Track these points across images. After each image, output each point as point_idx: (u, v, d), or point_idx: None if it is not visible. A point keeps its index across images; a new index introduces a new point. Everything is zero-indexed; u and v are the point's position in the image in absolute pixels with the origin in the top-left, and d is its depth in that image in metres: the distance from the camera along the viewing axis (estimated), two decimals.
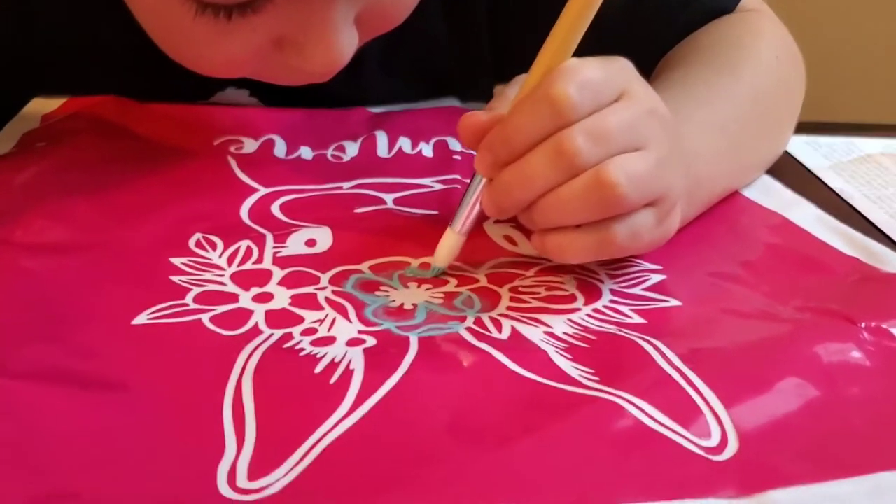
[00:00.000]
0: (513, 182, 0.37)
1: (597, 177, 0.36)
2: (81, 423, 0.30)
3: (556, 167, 0.36)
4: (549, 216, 0.38)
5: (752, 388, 0.33)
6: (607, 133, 0.36)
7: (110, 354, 0.33)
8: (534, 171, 0.37)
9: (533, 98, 0.37)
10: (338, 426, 0.30)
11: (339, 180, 0.51)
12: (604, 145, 0.36)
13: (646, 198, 0.37)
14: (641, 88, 0.39)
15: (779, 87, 0.56)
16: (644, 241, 0.38)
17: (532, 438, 0.30)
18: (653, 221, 0.38)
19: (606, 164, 0.36)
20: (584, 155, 0.36)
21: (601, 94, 0.37)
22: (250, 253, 0.41)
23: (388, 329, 0.36)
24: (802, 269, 0.44)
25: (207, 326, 0.35)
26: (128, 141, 0.53)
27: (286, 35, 0.43)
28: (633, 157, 0.37)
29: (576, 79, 0.36)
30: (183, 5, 0.40)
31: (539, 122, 0.37)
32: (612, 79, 0.38)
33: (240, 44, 0.43)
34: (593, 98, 0.37)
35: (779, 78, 0.56)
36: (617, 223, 0.37)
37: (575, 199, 0.36)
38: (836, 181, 0.58)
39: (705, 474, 0.28)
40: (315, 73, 0.45)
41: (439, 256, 0.41)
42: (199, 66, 0.46)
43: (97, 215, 0.43)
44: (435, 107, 0.63)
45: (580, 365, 0.34)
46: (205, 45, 0.43)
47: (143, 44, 0.48)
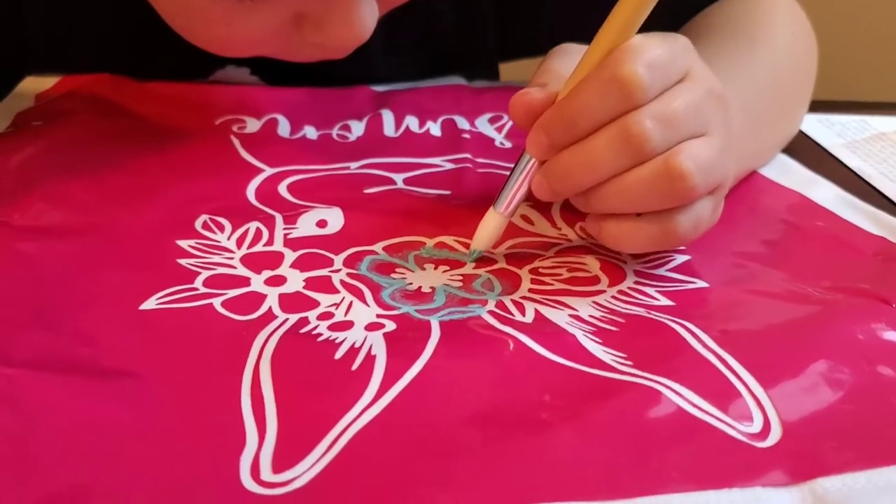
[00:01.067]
0: (573, 166, 0.36)
1: (667, 165, 0.34)
2: (89, 413, 0.28)
3: (622, 152, 0.34)
4: (610, 202, 0.36)
5: (791, 371, 0.31)
6: (676, 117, 0.34)
7: (117, 341, 0.31)
8: (598, 156, 0.35)
9: (598, 78, 0.35)
10: (363, 415, 0.28)
11: (346, 160, 0.49)
12: (673, 130, 0.34)
13: (710, 187, 0.36)
14: (702, 69, 0.37)
15: (795, 64, 0.54)
16: (702, 230, 0.37)
17: (569, 427, 0.28)
18: (710, 210, 0.37)
19: (677, 153, 0.34)
20: (654, 141, 0.34)
21: (669, 74, 0.35)
22: (260, 235, 0.40)
23: (408, 313, 0.35)
24: (828, 249, 0.42)
25: (219, 311, 0.34)
26: (126, 120, 0.51)
27: (307, 12, 0.41)
28: (700, 145, 0.35)
29: (644, 58, 0.34)
30: None
31: (606, 104, 0.34)
32: (677, 58, 0.36)
33: (259, 23, 0.41)
34: (662, 78, 0.35)
35: (794, 54, 0.55)
36: (681, 214, 0.35)
37: (642, 187, 0.35)
38: (852, 160, 0.57)
39: (751, 462, 0.27)
40: (336, 50, 0.44)
41: (481, 238, 0.39)
42: (214, 46, 0.44)
43: (97, 197, 0.42)
44: (440, 85, 0.61)
45: (611, 349, 0.32)
46: (222, 24, 0.41)
47: (139, 20, 0.46)
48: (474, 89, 0.60)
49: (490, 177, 0.48)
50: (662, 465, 0.27)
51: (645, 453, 0.27)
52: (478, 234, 0.39)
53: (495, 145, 0.53)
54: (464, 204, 0.45)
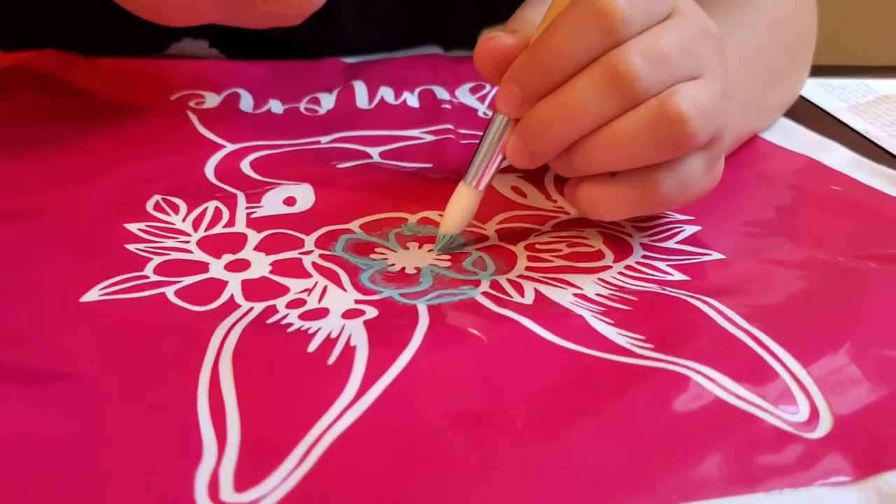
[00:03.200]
0: (552, 118, 0.30)
1: (662, 108, 0.29)
2: (18, 425, 0.23)
3: (609, 96, 0.29)
4: (597, 159, 0.31)
5: (833, 347, 0.27)
6: (667, 55, 0.30)
7: (53, 339, 0.27)
8: (580, 103, 0.30)
9: (574, 13, 0.30)
10: (343, 417, 0.24)
11: (316, 134, 0.44)
12: (664, 69, 0.30)
13: (709, 136, 0.31)
14: (692, 6, 0.33)
15: (796, 19, 0.51)
16: (693, 192, 0.32)
17: (585, 424, 0.24)
18: (703, 168, 0.32)
19: (673, 94, 0.29)
20: (645, 80, 0.29)
21: (653, 7, 0.30)
22: (220, 215, 0.35)
23: (391, 297, 0.30)
24: (849, 214, 0.39)
25: (172, 301, 0.29)
26: (71, 97, 0.46)
27: None
28: (697, 87, 0.30)
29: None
30: None
31: (584, 41, 0.30)
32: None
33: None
34: (645, 12, 0.30)
35: (795, 10, 0.51)
36: (663, 172, 0.31)
37: (634, 136, 0.30)
38: (858, 123, 0.53)
39: (802, 456, 0.23)
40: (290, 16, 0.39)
41: (451, 219, 0.33)
42: (157, 16, 0.39)
43: (35, 178, 0.37)
44: (415, 55, 0.56)
45: (626, 331, 0.28)
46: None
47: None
48: (453, 58, 0.56)
49: (474, 148, 0.44)
50: (699, 464, 0.23)
51: (678, 451, 0.23)
52: (447, 215, 0.33)
53: (478, 115, 0.48)
54: (447, 177, 0.40)
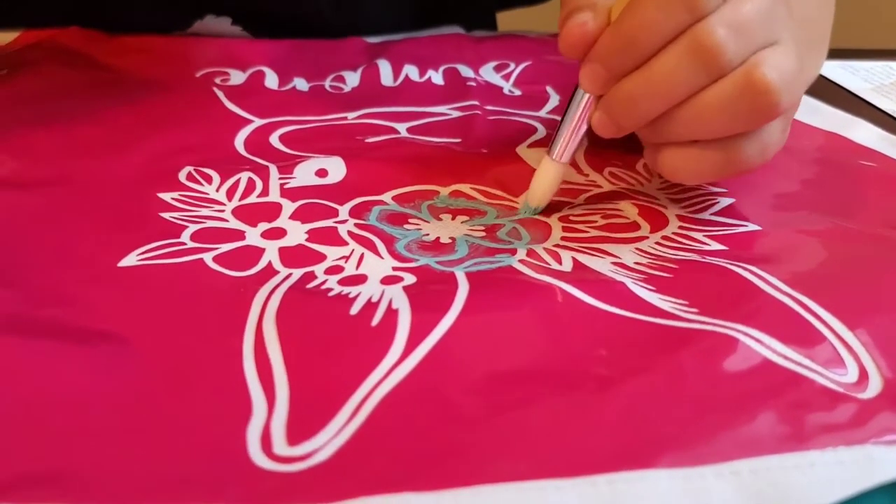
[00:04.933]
0: (640, 93, 0.31)
1: (749, 79, 0.29)
2: (62, 382, 0.23)
3: (696, 69, 0.30)
4: (684, 129, 0.31)
5: (879, 311, 0.27)
6: (749, 24, 0.30)
7: (93, 300, 0.27)
8: (668, 77, 0.30)
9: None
10: (390, 375, 0.24)
11: (342, 111, 0.44)
12: (747, 39, 0.30)
13: (791, 103, 0.31)
14: None
15: None
16: (769, 154, 0.33)
17: (635, 383, 0.24)
18: (781, 131, 0.32)
19: (758, 64, 0.30)
20: (730, 52, 0.29)
21: None
22: (253, 185, 0.35)
23: (428, 264, 0.30)
24: (880, 187, 0.38)
25: (211, 267, 0.29)
26: (97, 72, 0.46)
27: None
28: (778, 54, 0.30)
29: None
30: None
31: (670, 19, 0.30)
32: None
33: None
34: None
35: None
36: (746, 138, 0.31)
37: (723, 106, 0.30)
38: (884, 103, 0.53)
39: (856, 416, 0.23)
40: None
41: (537, 192, 0.34)
42: None
43: (65, 149, 0.37)
44: (438, 35, 0.56)
45: (669, 296, 0.28)
46: None
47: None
48: (475, 38, 0.56)
49: (502, 123, 0.44)
50: (752, 422, 0.22)
51: (730, 410, 0.23)
52: (533, 187, 0.34)
53: (504, 93, 0.48)
54: (476, 152, 0.40)
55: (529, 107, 0.46)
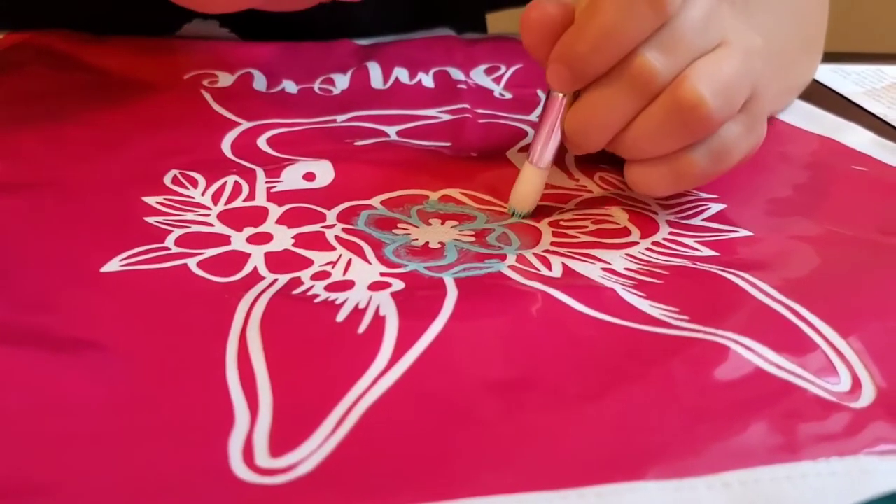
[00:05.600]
0: (586, 124, 0.32)
1: (674, 97, 0.30)
2: (43, 391, 0.23)
3: (630, 94, 0.30)
4: (632, 149, 0.32)
5: (872, 319, 0.27)
6: (681, 39, 0.30)
7: (75, 307, 0.26)
8: (608, 108, 0.31)
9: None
10: (377, 384, 0.23)
11: (331, 113, 0.44)
12: (681, 54, 0.30)
13: (736, 107, 0.31)
14: None
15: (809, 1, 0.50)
16: (734, 158, 0.32)
17: (624, 392, 0.23)
18: (741, 132, 0.32)
19: (683, 80, 0.30)
20: (660, 72, 0.30)
21: None
22: (239, 189, 0.35)
23: (416, 270, 0.30)
24: (874, 193, 0.38)
25: (196, 272, 0.29)
26: (82, 74, 0.45)
27: None
28: (714, 61, 0.30)
29: None
30: None
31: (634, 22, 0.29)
32: None
33: None
34: None
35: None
36: (694, 150, 0.31)
37: (655, 128, 0.30)
38: (875, 107, 0.53)
39: (849, 426, 0.22)
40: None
41: (518, 197, 0.34)
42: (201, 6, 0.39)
43: (50, 151, 0.36)
44: (428, 37, 0.56)
45: (659, 303, 0.28)
46: None
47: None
48: (466, 40, 0.56)
49: (493, 127, 0.43)
50: (744, 433, 0.22)
51: (721, 420, 0.22)
52: (515, 192, 0.34)
53: (494, 96, 0.48)
54: (466, 155, 0.40)
55: (520, 110, 0.46)
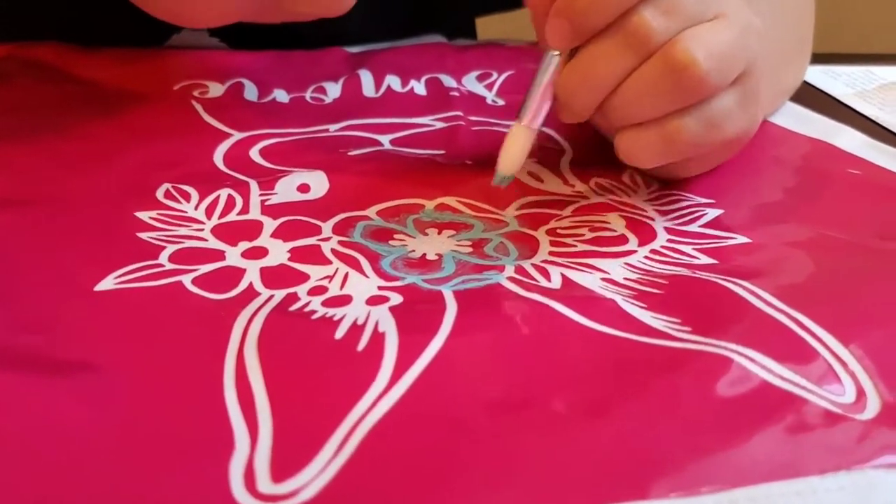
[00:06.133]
0: (577, 85, 0.31)
1: (666, 57, 0.30)
2: (40, 414, 0.22)
3: (627, 53, 0.30)
4: (622, 113, 0.31)
5: (875, 327, 0.27)
6: (679, 1, 0.30)
7: (70, 326, 0.26)
8: (601, 67, 0.30)
9: None
10: (378, 403, 0.23)
11: (324, 122, 0.43)
12: (677, 17, 0.30)
13: (730, 76, 0.31)
14: None
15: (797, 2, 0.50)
16: (728, 131, 0.32)
17: (628, 407, 0.23)
18: (735, 105, 0.32)
19: (677, 41, 0.30)
20: (658, 32, 0.30)
21: None
22: (233, 202, 0.34)
23: (414, 283, 0.30)
24: (868, 196, 0.38)
25: (190, 290, 0.28)
26: (71, 86, 0.45)
27: None
28: (711, 28, 0.30)
29: None
30: None
31: None
32: None
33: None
34: None
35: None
36: (686, 116, 0.31)
37: (648, 87, 0.30)
38: (868, 109, 0.53)
39: (856, 438, 0.22)
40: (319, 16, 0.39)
41: (508, 159, 0.33)
42: (185, 20, 0.39)
43: (40, 165, 0.36)
44: (420, 44, 0.56)
45: (660, 314, 0.27)
46: None
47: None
48: (457, 47, 0.55)
49: (486, 134, 0.43)
50: (749, 447, 0.22)
51: (726, 434, 0.22)
52: (504, 154, 0.33)
53: (487, 103, 0.48)
54: (461, 163, 0.40)
55: (513, 116, 0.45)
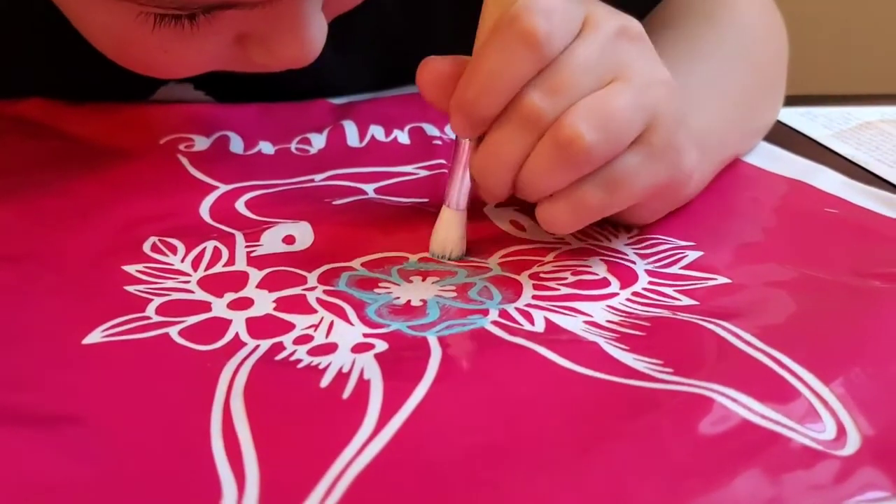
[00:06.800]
0: (488, 163, 0.33)
1: (553, 136, 0.31)
2: (24, 468, 0.22)
3: (521, 134, 0.31)
4: (532, 189, 0.33)
5: (853, 365, 0.27)
6: (567, 79, 0.31)
7: (57, 381, 0.26)
8: (502, 148, 0.32)
9: (499, 38, 0.31)
10: (364, 450, 0.23)
11: (309, 173, 0.44)
12: (565, 92, 0.31)
13: (623, 139, 0.32)
14: (603, 10, 0.34)
15: (766, 43, 0.52)
16: (635, 188, 0.33)
17: (611, 448, 0.23)
18: (639, 161, 0.32)
19: (563, 116, 0.31)
20: (545, 112, 0.31)
21: (568, 19, 0.32)
22: (219, 254, 0.35)
23: (399, 330, 0.30)
24: (848, 236, 0.39)
25: (177, 341, 0.28)
26: (56, 142, 0.45)
27: (251, 31, 0.37)
28: (601, 96, 0.31)
29: (538, 9, 0.31)
30: (139, 19, 0.35)
31: (514, 66, 0.31)
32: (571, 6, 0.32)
33: (199, 46, 0.37)
34: (563, 25, 0.31)
35: (765, 36, 0.52)
36: (586, 181, 0.32)
37: (545, 164, 0.31)
38: (844, 149, 0.54)
39: (837, 473, 0.23)
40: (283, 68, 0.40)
41: (438, 240, 0.35)
42: (155, 72, 0.40)
43: (25, 221, 0.36)
44: (402, 94, 0.56)
45: (643, 356, 0.28)
46: (162, 52, 0.37)
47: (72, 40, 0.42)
48: None
49: None
50: (733, 486, 0.22)
51: (709, 473, 0.22)
52: (435, 236, 0.35)
53: None
54: None
55: None
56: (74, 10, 0.38)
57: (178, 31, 0.35)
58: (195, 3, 0.34)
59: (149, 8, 0.34)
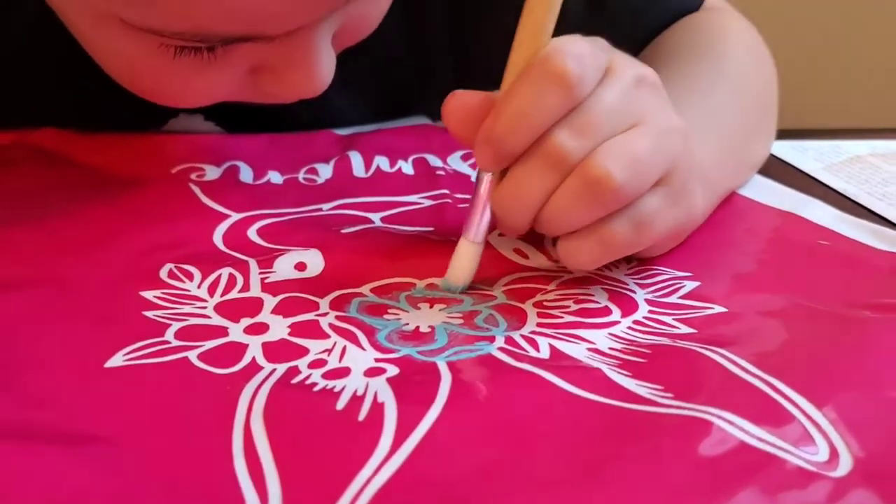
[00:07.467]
0: (509, 204, 0.34)
1: (582, 174, 0.32)
2: (51, 487, 0.23)
3: (546, 172, 0.33)
4: (555, 225, 0.34)
5: (846, 389, 0.28)
6: (594, 121, 0.32)
7: (81, 402, 0.27)
8: (525, 184, 0.33)
9: (530, 77, 0.32)
10: (381, 469, 0.24)
11: (317, 202, 0.45)
12: (591, 134, 0.32)
13: (648, 180, 0.33)
14: (624, 59, 0.35)
15: (759, 78, 0.54)
16: (658, 228, 0.34)
17: (616, 470, 0.24)
18: (662, 204, 0.34)
19: (592, 157, 0.32)
20: (572, 152, 0.32)
21: (596, 62, 0.33)
22: (234, 281, 0.36)
23: (409, 355, 0.31)
24: (840, 267, 0.40)
25: (196, 365, 0.30)
26: (72, 170, 0.47)
27: (265, 62, 0.39)
28: (625, 139, 0.33)
29: (570, 52, 0.32)
30: (160, 49, 0.36)
31: (544, 104, 0.32)
32: (598, 52, 0.34)
33: (215, 77, 0.39)
34: (593, 67, 0.33)
35: (756, 68, 0.54)
36: (615, 219, 0.33)
37: (570, 203, 0.33)
38: (835, 182, 0.55)
39: (830, 494, 0.24)
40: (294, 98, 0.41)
41: (455, 272, 0.36)
42: (170, 101, 0.42)
43: (44, 247, 0.37)
44: (406, 126, 0.58)
45: (644, 382, 0.29)
46: (179, 82, 0.39)
47: (85, 71, 0.43)
48: (441, 128, 0.57)
49: None
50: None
51: (709, 494, 0.24)
52: (452, 268, 0.36)
53: (472, 181, 0.50)
54: (449, 239, 0.41)
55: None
56: (90, 35, 0.39)
57: (196, 61, 0.37)
58: (216, 36, 0.35)
59: (172, 41, 0.35)
